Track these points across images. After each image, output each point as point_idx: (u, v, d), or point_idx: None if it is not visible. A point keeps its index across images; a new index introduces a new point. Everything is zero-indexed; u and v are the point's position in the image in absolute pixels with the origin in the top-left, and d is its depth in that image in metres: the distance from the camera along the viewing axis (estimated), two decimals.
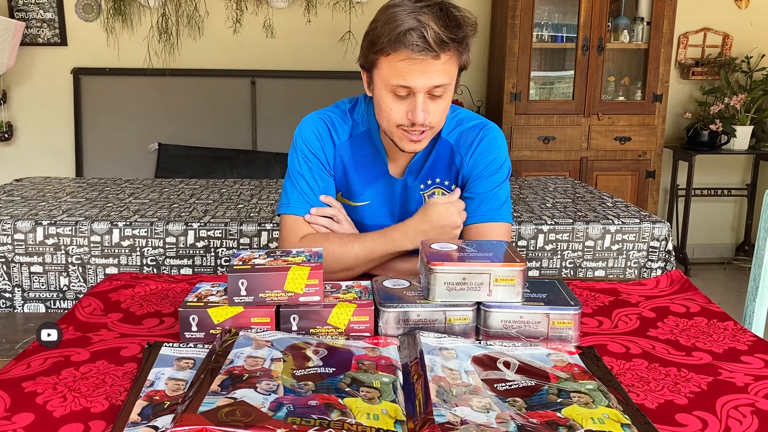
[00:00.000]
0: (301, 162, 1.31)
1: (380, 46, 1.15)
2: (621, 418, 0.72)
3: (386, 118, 1.21)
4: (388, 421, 0.70)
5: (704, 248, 4.18)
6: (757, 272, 1.55)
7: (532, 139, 3.62)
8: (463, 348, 0.89)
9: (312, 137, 1.32)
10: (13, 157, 3.85)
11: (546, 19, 3.64)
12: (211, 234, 2.08)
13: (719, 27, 3.97)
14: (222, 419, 0.66)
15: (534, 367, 0.85)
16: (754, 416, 0.77)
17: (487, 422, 0.71)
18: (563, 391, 0.78)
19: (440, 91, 1.18)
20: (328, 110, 1.36)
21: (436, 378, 0.79)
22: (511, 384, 0.80)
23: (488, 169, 1.31)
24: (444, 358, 0.85)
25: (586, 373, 0.84)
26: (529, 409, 0.75)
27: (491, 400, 0.76)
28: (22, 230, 2.03)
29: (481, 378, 0.81)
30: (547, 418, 0.73)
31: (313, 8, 3.78)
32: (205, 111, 3.86)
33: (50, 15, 3.74)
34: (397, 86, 1.16)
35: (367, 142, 1.33)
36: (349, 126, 1.33)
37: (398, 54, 1.13)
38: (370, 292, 1.02)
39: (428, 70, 1.14)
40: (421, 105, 1.17)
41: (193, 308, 0.96)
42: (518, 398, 0.77)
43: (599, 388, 0.79)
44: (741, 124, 3.78)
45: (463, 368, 0.83)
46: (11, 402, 0.78)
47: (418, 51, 1.11)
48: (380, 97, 1.21)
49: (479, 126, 1.33)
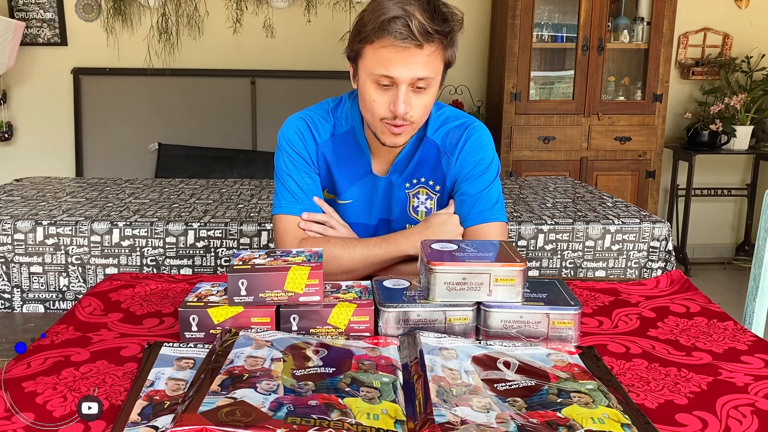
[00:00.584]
0: (286, 162, 1.31)
1: (365, 34, 1.15)
2: (621, 418, 0.72)
3: (370, 110, 1.21)
4: (388, 421, 0.70)
5: (704, 248, 4.18)
6: (757, 272, 1.55)
7: (532, 139, 3.62)
8: (463, 348, 0.89)
9: (294, 137, 1.32)
10: (13, 157, 3.85)
11: (546, 19, 3.64)
12: (211, 234, 2.08)
13: (719, 27, 3.97)
14: (222, 419, 0.66)
15: (534, 367, 0.84)
16: (754, 416, 0.77)
17: (487, 422, 0.70)
18: (563, 391, 0.78)
19: (423, 84, 1.17)
20: (309, 110, 1.36)
21: (436, 378, 0.79)
22: (512, 384, 0.80)
23: (476, 168, 1.30)
24: (444, 358, 0.85)
25: (586, 373, 0.84)
26: (529, 409, 0.74)
27: (491, 400, 0.75)
28: (22, 230, 2.03)
29: (481, 378, 0.81)
30: (547, 417, 0.72)
31: (313, 8, 3.78)
32: (205, 111, 3.86)
33: (50, 15, 3.74)
34: (380, 75, 1.16)
35: (350, 140, 1.33)
36: (330, 125, 1.33)
37: (382, 41, 1.13)
38: (370, 292, 1.02)
39: (411, 60, 1.13)
40: (402, 96, 1.16)
41: (193, 308, 0.96)
42: (518, 398, 0.77)
43: (599, 388, 0.79)
44: (741, 124, 3.78)
45: (463, 368, 0.83)
46: (11, 402, 0.78)
47: (401, 39, 1.11)
48: (364, 88, 1.21)
49: (464, 125, 1.32)
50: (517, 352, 0.89)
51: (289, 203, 1.30)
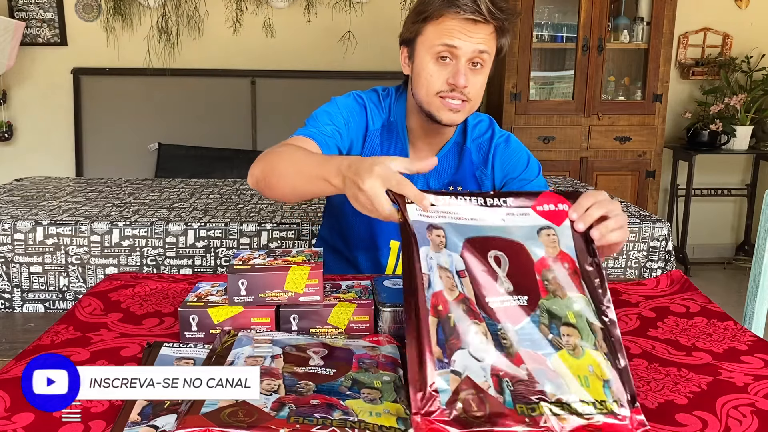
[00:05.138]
0: (330, 109, 1.29)
1: (430, 11, 1.18)
2: (603, 373, 0.74)
3: (425, 85, 1.22)
4: (390, 419, 0.70)
5: (704, 248, 4.18)
6: (757, 272, 1.55)
7: (532, 139, 3.62)
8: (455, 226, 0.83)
9: (353, 103, 1.32)
10: (13, 157, 3.85)
11: (546, 19, 3.64)
12: (211, 234, 2.08)
13: (719, 27, 3.97)
14: (225, 420, 0.67)
15: (523, 273, 0.81)
16: (754, 416, 0.77)
17: (484, 381, 0.71)
18: (553, 319, 0.78)
19: (480, 61, 1.20)
20: (366, 94, 1.36)
21: (433, 303, 0.75)
22: (503, 300, 0.78)
23: (516, 171, 1.35)
24: (434, 246, 0.80)
25: (576, 273, 0.82)
26: (520, 345, 0.75)
27: (485, 327, 0.75)
28: (22, 230, 2.03)
29: (473, 285, 0.79)
30: (537, 364, 0.74)
31: (313, 8, 3.78)
32: (205, 111, 3.86)
33: (50, 15, 3.74)
34: (443, 46, 1.18)
35: (393, 134, 1.34)
36: (384, 115, 1.35)
37: (448, 15, 1.17)
38: (370, 292, 1.02)
39: (475, 34, 1.17)
40: (463, 69, 1.19)
41: (193, 308, 0.96)
42: (509, 324, 0.76)
43: (587, 306, 0.79)
44: (741, 124, 3.78)
45: (454, 267, 0.79)
46: (11, 402, 0.79)
47: (470, 11, 1.15)
48: (421, 65, 1.22)
49: (491, 138, 1.38)
50: (509, 222, 0.85)
51: (309, 127, 1.25)
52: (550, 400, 0.71)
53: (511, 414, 0.69)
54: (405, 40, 1.27)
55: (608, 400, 0.72)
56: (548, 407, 0.71)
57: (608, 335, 0.78)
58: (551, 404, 0.71)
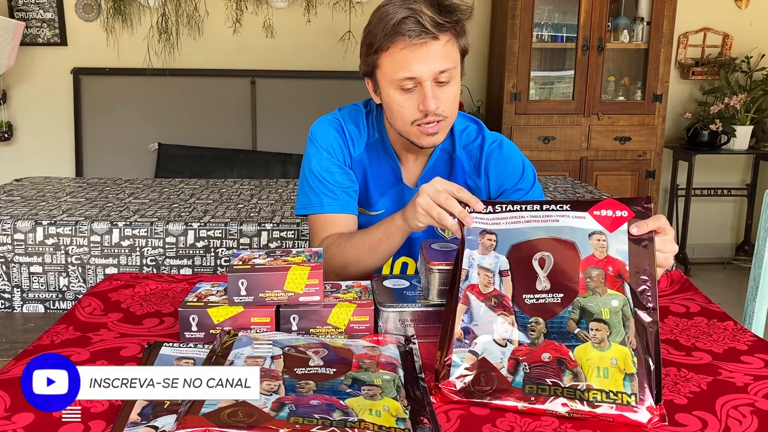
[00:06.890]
0: (323, 159, 1.28)
1: (378, 44, 1.15)
2: (629, 366, 0.77)
3: (399, 117, 1.20)
4: (390, 419, 0.70)
5: (704, 248, 4.18)
6: (757, 272, 1.55)
7: (532, 139, 3.62)
8: (505, 231, 0.89)
9: (331, 139, 1.30)
10: (13, 157, 3.85)
11: (546, 19, 3.64)
12: (211, 234, 2.08)
13: (719, 27, 3.97)
14: (224, 421, 0.67)
15: (566, 273, 0.84)
16: (753, 416, 0.77)
17: (499, 362, 0.80)
18: (584, 315, 0.82)
19: (446, 77, 1.16)
20: (342, 118, 1.32)
21: (466, 295, 0.85)
22: (539, 298, 0.84)
23: (511, 181, 1.30)
24: (483, 249, 0.89)
25: (618, 278, 0.83)
26: (547, 337, 0.81)
27: (515, 320, 0.83)
28: (22, 230, 2.03)
29: (513, 283, 0.85)
30: (559, 353, 0.79)
31: (313, 8, 3.78)
32: (205, 111, 3.86)
33: (50, 15, 3.74)
34: (402, 79, 1.15)
35: (381, 150, 1.32)
36: (363, 136, 1.32)
37: (397, 45, 1.13)
38: (370, 292, 1.02)
39: (429, 55, 1.13)
40: (430, 93, 1.15)
41: (193, 308, 0.96)
42: (540, 319, 0.82)
43: (623, 308, 0.81)
44: (741, 124, 3.78)
45: (498, 266, 0.87)
46: (11, 402, 0.79)
47: (415, 36, 1.11)
48: (389, 98, 1.19)
49: (482, 145, 1.32)
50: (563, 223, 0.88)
51: (328, 202, 1.27)
52: (564, 386, 0.76)
53: (515, 392, 0.77)
54: (365, 72, 1.24)
55: (626, 392, 0.76)
56: (559, 391, 0.76)
57: (645, 335, 0.80)
58: (564, 389, 0.76)
